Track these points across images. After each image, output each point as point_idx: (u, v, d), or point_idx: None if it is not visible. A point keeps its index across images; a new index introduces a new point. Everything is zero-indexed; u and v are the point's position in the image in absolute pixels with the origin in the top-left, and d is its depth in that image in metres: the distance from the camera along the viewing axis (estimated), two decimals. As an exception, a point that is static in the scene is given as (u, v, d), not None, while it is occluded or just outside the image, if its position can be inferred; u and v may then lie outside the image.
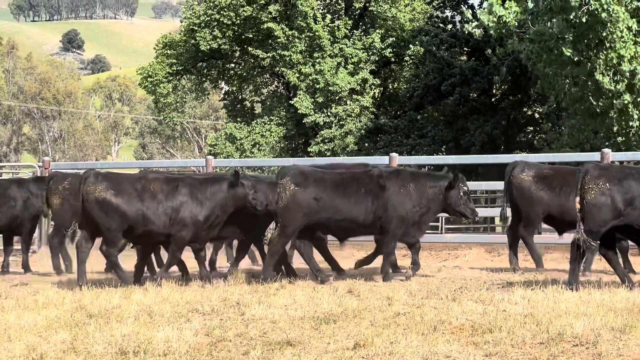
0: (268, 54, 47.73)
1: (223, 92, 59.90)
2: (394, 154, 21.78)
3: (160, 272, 15.41)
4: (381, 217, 14.93)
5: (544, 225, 18.29)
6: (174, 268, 15.99)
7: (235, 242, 17.25)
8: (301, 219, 15.01)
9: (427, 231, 16.52)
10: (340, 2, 51.89)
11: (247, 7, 47.45)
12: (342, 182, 15.14)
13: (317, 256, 15.85)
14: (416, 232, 15.40)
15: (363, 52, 47.57)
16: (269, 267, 15.18)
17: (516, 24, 31.42)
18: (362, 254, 17.37)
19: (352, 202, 14.95)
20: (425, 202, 15.11)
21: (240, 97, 54.06)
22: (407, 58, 47.94)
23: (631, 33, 28.72)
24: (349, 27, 48.14)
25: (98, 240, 15.20)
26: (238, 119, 51.36)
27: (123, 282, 14.81)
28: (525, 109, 49.75)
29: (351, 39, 48.14)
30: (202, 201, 14.85)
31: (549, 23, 29.77)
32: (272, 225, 15.62)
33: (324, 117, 46.12)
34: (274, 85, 53.91)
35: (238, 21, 48.07)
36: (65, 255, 18.26)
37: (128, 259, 16.01)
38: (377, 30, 48.38)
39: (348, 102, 46.51)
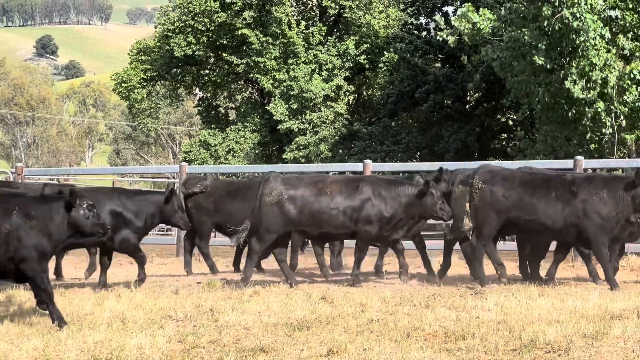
0: (242, 60, 47.75)
1: (197, 98, 59.89)
2: (367, 161, 21.79)
3: (354, 272, 15.48)
4: (577, 225, 14.64)
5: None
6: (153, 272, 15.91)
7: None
8: (494, 217, 14.99)
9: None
10: (314, 8, 51.95)
11: (222, 13, 47.44)
12: (532, 182, 15.04)
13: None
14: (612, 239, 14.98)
15: (337, 59, 47.65)
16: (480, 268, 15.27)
17: (490, 31, 31.51)
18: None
19: (542, 203, 14.76)
20: (620, 207, 14.65)
21: (214, 103, 54.04)
22: (381, 65, 48.06)
23: (604, 41, 28.89)
24: (323, 34, 48.24)
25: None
26: (212, 126, 51.34)
27: (290, 282, 15.14)
28: (499, 116, 49.95)
29: (325, 46, 48.22)
30: (386, 200, 15.01)
31: (520, 31, 29.88)
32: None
33: (298, 123, 46.15)
34: (248, 92, 53.92)
35: (212, 27, 48.06)
36: (188, 260, 18.43)
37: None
38: (352, 37, 48.51)
39: (322, 108, 46.56)
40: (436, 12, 50.92)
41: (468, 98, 49.20)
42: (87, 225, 11.71)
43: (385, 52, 47.40)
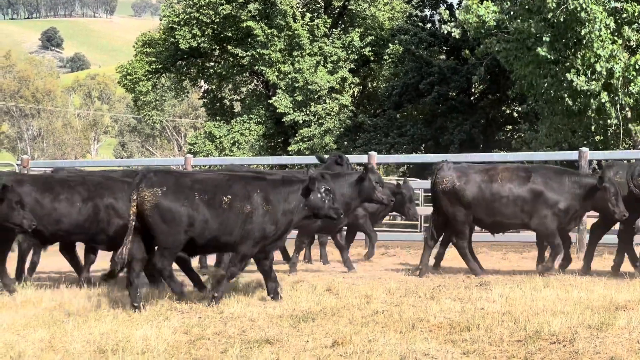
0: (247, 53, 47.70)
1: (202, 90, 59.88)
2: (372, 153, 21.80)
3: (547, 264, 15.31)
4: None
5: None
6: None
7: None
8: None
9: (406, 229, 16.44)
10: (319, 0, 51.89)
11: (227, 5, 47.38)
12: None
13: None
14: None
15: (342, 51, 47.59)
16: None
17: (494, 23, 31.46)
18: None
19: None
20: None
21: (219, 95, 54.04)
22: (386, 57, 47.99)
23: (609, 31, 28.85)
24: (328, 26, 48.18)
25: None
26: (217, 118, 51.36)
27: (474, 272, 15.21)
28: (504, 108, 49.90)
29: (330, 38, 48.19)
30: (559, 192, 14.96)
31: (526, 23, 29.84)
32: None
33: (303, 115, 46.13)
34: (253, 84, 53.90)
35: (217, 20, 48.02)
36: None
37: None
38: (357, 29, 48.45)
39: (327, 100, 46.52)
40: (441, 4, 50.90)
41: (473, 90, 49.15)
42: (324, 208, 12.33)
43: (390, 44, 47.34)
